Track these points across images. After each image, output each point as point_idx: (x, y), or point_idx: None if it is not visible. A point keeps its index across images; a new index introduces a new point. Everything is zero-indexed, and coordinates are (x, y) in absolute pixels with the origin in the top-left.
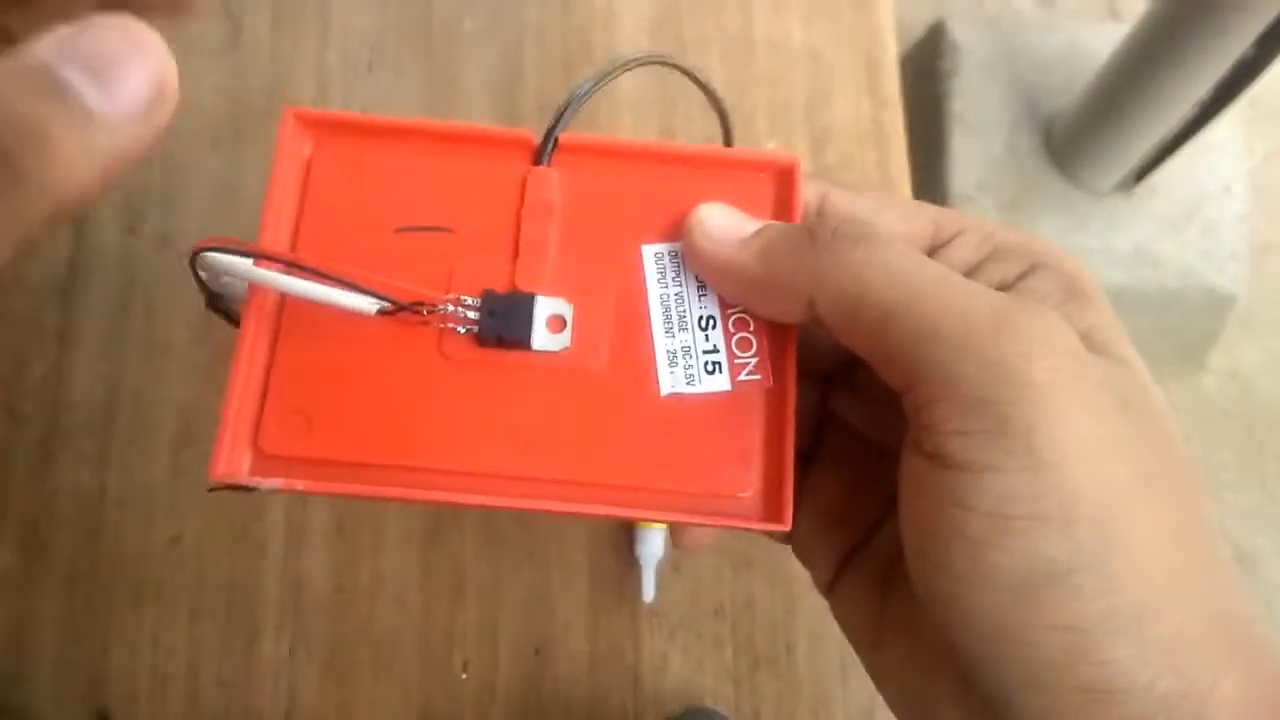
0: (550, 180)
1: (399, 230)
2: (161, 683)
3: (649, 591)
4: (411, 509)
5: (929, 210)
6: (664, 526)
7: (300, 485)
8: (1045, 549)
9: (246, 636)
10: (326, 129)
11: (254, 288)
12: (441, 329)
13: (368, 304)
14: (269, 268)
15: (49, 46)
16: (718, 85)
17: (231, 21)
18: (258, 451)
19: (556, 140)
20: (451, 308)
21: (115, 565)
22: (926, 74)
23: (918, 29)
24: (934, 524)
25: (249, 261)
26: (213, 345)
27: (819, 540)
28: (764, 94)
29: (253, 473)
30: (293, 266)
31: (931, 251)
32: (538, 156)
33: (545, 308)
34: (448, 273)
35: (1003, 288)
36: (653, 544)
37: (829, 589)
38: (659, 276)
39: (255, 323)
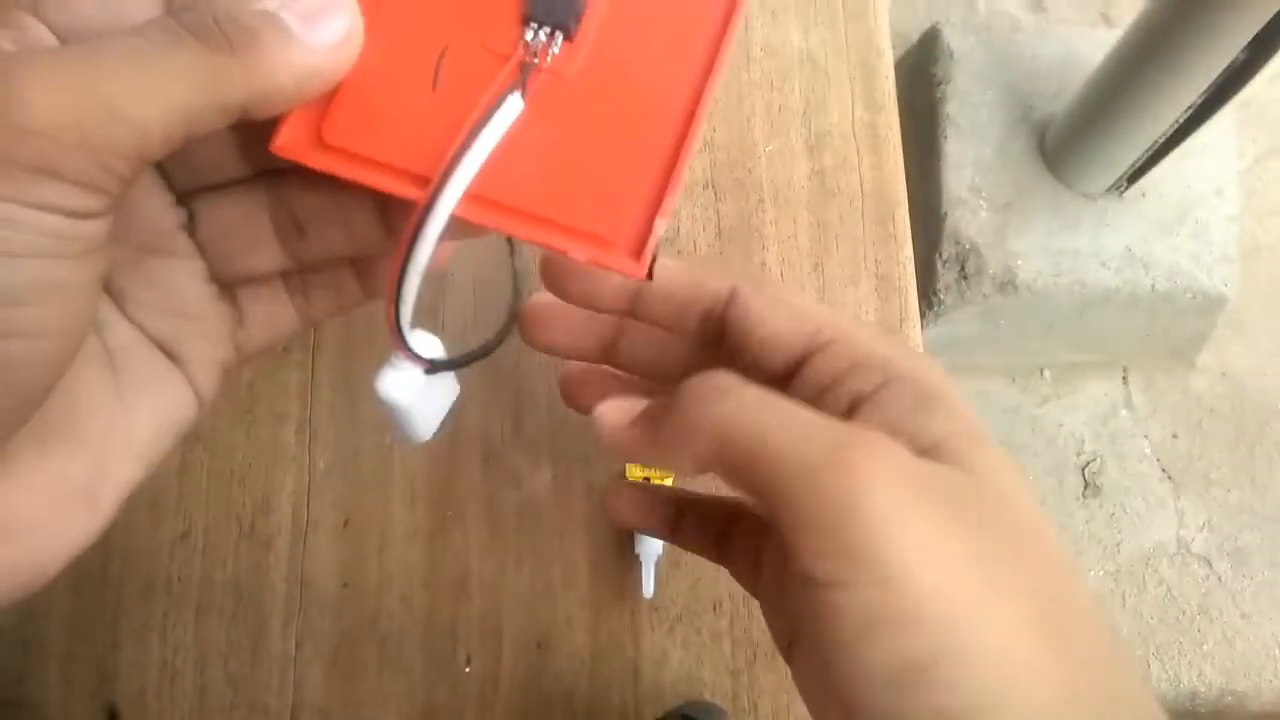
0: None
1: (435, 87)
2: (169, 678)
3: (649, 587)
4: (417, 508)
5: (817, 315)
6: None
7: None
8: (905, 648)
9: (254, 632)
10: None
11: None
12: (549, 62)
13: (514, 102)
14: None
15: (277, 0)
16: (717, 90)
17: None
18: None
19: None
20: (534, 40)
21: (124, 561)
22: (921, 79)
23: (913, 35)
24: (818, 632)
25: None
26: None
27: (780, 599)
28: (761, 98)
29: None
30: (456, 159)
31: (805, 357)
32: None
33: None
34: (498, 50)
35: (858, 400)
36: (652, 541)
37: (787, 655)
38: None
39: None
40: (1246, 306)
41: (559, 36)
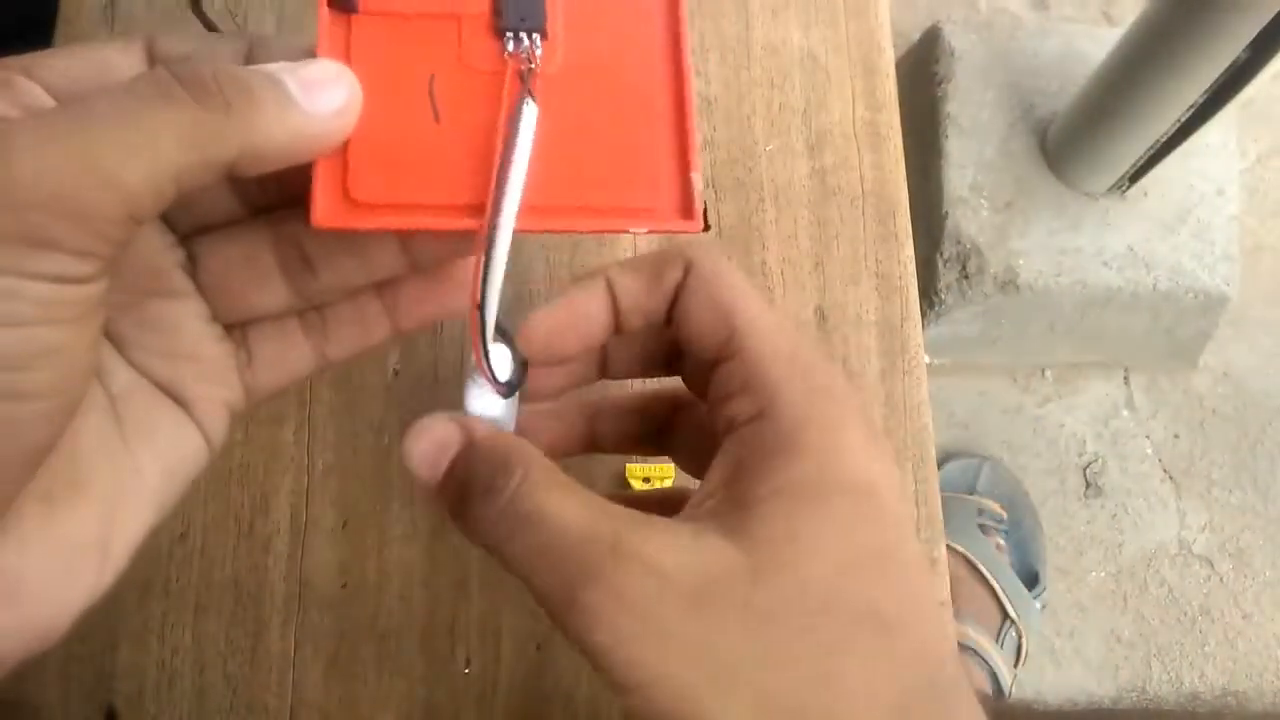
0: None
1: (438, 119)
2: (168, 678)
3: None
4: (416, 508)
5: (735, 317)
6: None
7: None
8: None
9: (252, 633)
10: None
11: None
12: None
13: (530, 110)
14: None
15: (277, 65)
16: (718, 88)
17: (236, 25)
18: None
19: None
20: (516, 49)
21: None
22: (922, 78)
23: (913, 33)
24: None
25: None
26: None
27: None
28: (762, 97)
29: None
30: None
31: (716, 359)
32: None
33: None
34: (480, 67)
35: (730, 428)
36: None
37: None
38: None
39: None
40: (1249, 306)
41: (537, 38)
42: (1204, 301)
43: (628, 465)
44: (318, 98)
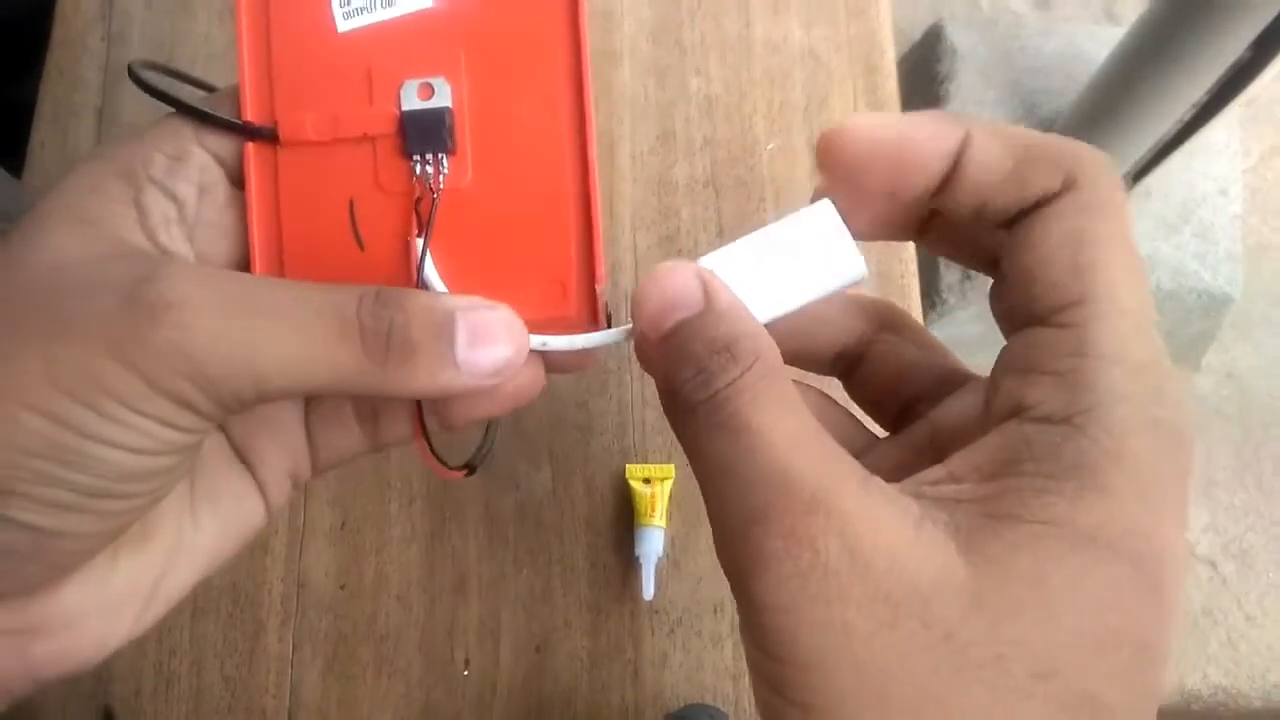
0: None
1: (362, 249)
2: (166, 681)
3: (649, 589)
4: (415, 509)
5: (1097, 281)
6: (664, 525)
7: None
8: None
9: (250, 634)
10: None
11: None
12: (442, 184)
13: (419, 246)
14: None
15: (462, 301)
16: (719, 87)
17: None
18: None
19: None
20: (422, 172)
21: None
22: (924, 77)
23: (915, 32)
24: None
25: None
26: None
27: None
28: (763, 95)
29: None
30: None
31: (1037, 319)
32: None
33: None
34: (393, 189)
35: (1021, 408)
36: (653, 542)
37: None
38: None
39: None
40: (1252, 307)
41: (443, 159)
42: (1207, 302)
43: (628, 466)
44: (479, 353)
